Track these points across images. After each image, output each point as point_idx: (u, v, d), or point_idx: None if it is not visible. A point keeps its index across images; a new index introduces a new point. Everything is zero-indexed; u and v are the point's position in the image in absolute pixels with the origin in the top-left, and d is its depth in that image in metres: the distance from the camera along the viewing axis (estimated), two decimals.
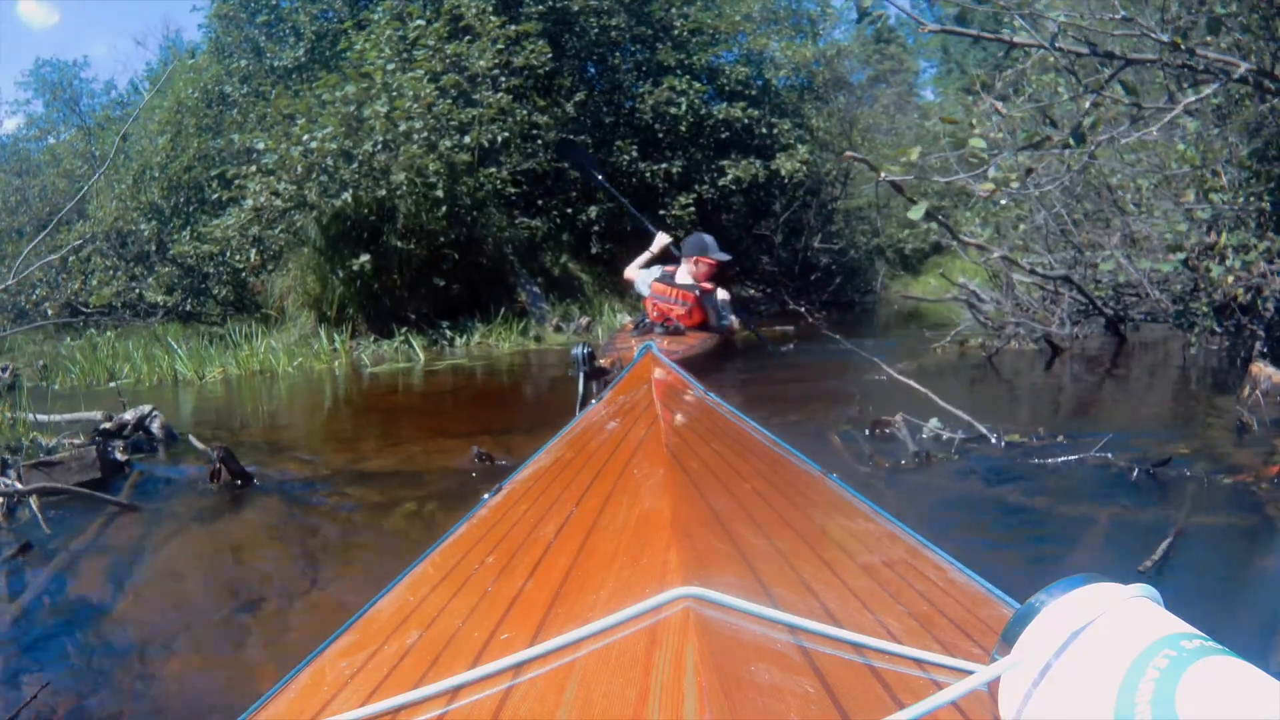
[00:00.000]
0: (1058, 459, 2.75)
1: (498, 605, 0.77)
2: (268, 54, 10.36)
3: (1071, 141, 2.78)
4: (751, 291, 12.28)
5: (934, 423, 3.10)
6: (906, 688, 0.55)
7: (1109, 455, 2.72)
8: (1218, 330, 4.58)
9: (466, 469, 2.95)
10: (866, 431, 3.20)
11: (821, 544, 0.95)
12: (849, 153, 2.96)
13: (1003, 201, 5.59)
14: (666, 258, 6.00)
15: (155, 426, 3.70)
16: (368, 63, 7.62)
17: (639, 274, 5.71)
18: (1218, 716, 0.41)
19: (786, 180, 11.25)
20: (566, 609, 0.68)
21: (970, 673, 0.54)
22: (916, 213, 2.85)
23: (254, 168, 7.68)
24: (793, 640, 0.58)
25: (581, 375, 3.03)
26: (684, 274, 5.44)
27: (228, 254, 8.53)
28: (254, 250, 8.15)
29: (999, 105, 3.18)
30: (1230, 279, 4.00)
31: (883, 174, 2.95)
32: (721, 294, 5.55)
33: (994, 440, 3.00)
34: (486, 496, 1.41)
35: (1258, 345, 4.13)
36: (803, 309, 11.49)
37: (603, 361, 3.27)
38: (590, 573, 0.76)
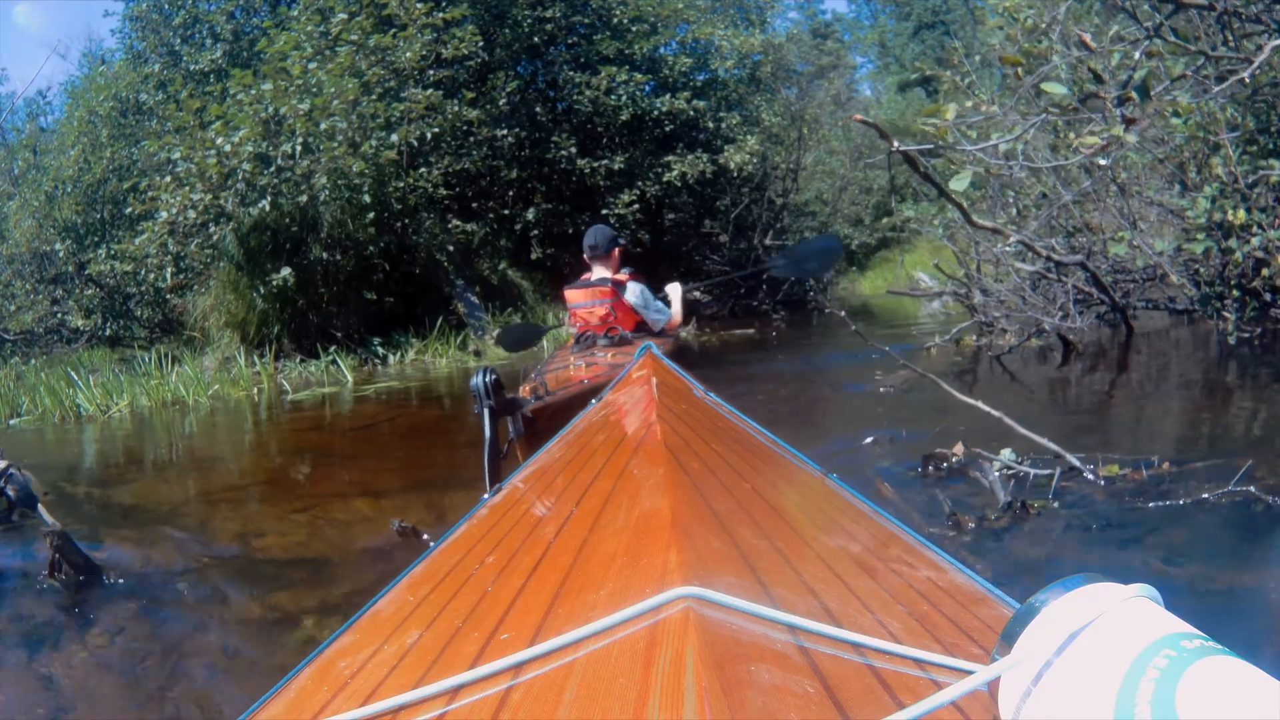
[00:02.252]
0: (1183, 499, 2.11)
1: (498, 605, 0.77)
2: (184, 58, 9.87)
3: (1135, 96, 2.35)
4: (698, 294, 11.95)
5: (1006, 454, 2.49)
6: (906, 688, 0.55)
7: (1252, 489, 2.06)
8: (1259, 315, 4.27)
9: (385, 549, 2.28)
10: (920, 470, 2.57)
11: (821, 544, 0.95)
12: (858, 115, 2.49)
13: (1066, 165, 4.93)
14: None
15: (11, 489, 2.80)
16: (288, 59, 7.14)
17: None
18: (1218, 716, 0.41)
19: (735, 175, 10.86)
20: (566, 609, 0.68)
21: (970, 673, 0.54)
22: (961, 182, 2.48)
23: (168, 178, 7.17)
24: (793, 640, 0.58)
25: (486, 412, 2.41)
26: (599, 272, 4.74)
27: (142, 273, 7.97)
28: (170, 268, 7.59)
29: (1087, 37, 2.59)
30: (1251, 256, 3.78)
31: (895, 144, 2.61)
32: (634, 286, 4.82)
33: (1089, 474, 2.36)
34: (486, 496, 1.41)
35: None
36: (770, 309, 11.36)
37: (522, 390, 2.75)
38: (590, 573, 0.76)
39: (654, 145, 10.50)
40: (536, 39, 10.15)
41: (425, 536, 2.29)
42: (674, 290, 4.97)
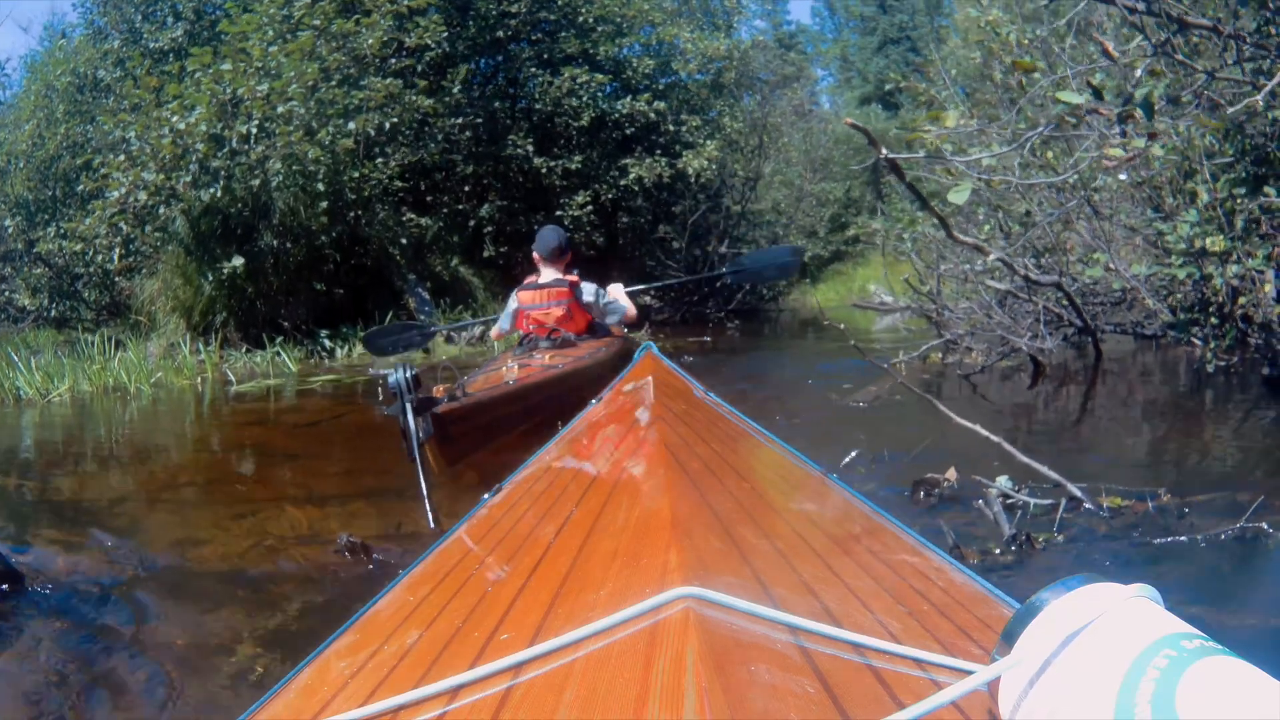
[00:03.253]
0: (1191, 534, 2.00)
1: (498, 605, 0.77)
2: (145, 35, 9.60)
3: (1140, 113, 2.23)
4: (649, 299, 11.72)
5: (1003, 482, 2.33)
6: (906, 688, 0.55)
7: (1265, 526, 1.97)
8: (1236, 343, 4.18)
9: (331, 566, 2.06)
10: (910, 495, 2.42)
11: (821, 544, 0.95)
12: (848, 119, 2.35)
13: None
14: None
15: None
16: (249, 40, 6.97)
17: (502, 322, 4.80)
18: (1218, 716, 0.41)
19: (693, 180, 10.71)
20: (566, 609, 0.68)
21: (970, 673, 0.54)
22: (960, 194, 2.33)
23: (121, 156, 6.94)
24: (793, 640, 0.58)
25: (407, 409, 2.33)
26: (550, 274, 4.62)
27: (90, 253, 7.72)
28: (119, 249, 7.32)
29: (1109, 45, 2.45)
30: (1229, 284, 3.74)
31: (884, 151, 2.50)
32: (588, 285, 4.71)
33: (1089, 504, 2.24)
34: (486, 496, 1.41)
35: None
36: (724, 317, 11.14)
37: (435, 390, 2.63)
38: (590, 573, 0.76)
39: (613, 147, 10.38)
40: (500, 33, 10.01)
41: (380, 555, 2.09)
42: (617, 289, 4.89)
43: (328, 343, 7.01)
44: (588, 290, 4.65)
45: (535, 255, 4.63)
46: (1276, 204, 3.55)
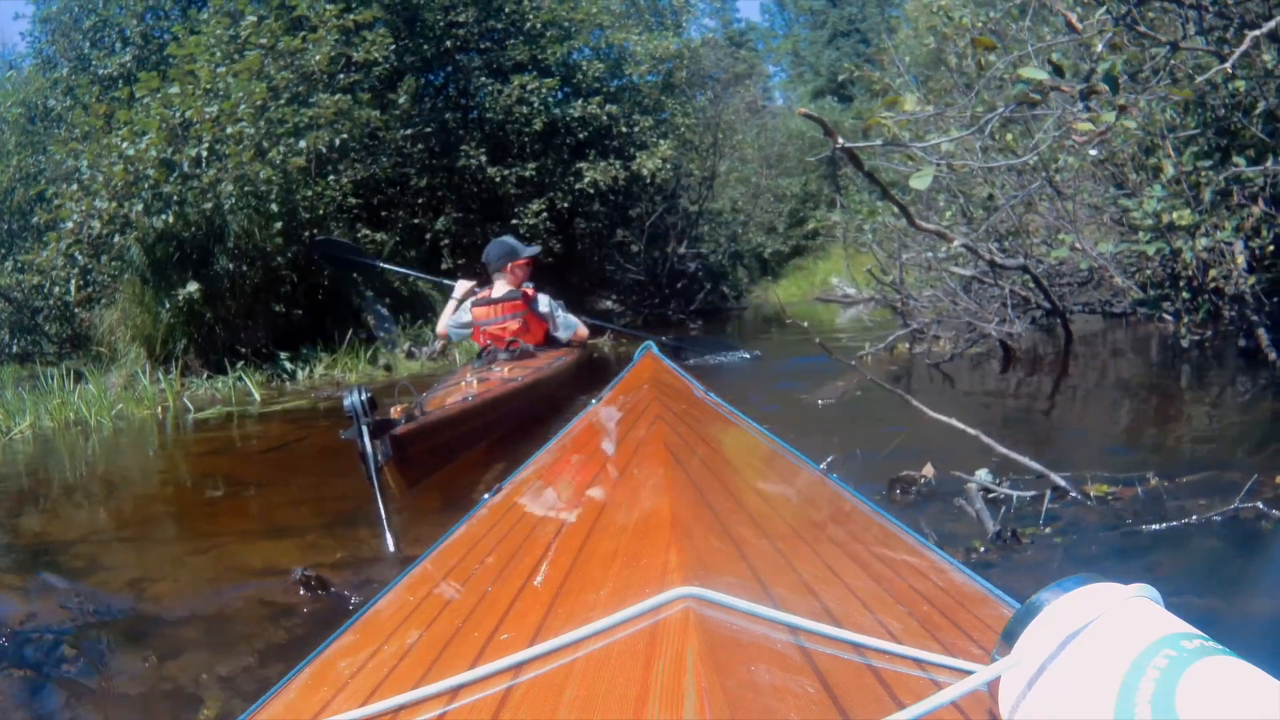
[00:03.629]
0: (1184, 518, 1.92)
1: (498, 605, 0.77)
2: (94, 62, 9.50)
3: (1105, 88, 2.16)
4: (610, 304, 11.64)
5: (982, 475, 2.25)
6: (906, 688, 0.55)
7: (1260, 505, 1.89)
8: (1210, 317, 4.12)
9: (289, 604, 1.97)
10: (886, 493, 2.34)
11: (821, 544, 0.95)
12: (803, 109, 2.19)
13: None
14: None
15: None
16: (196, 62, 6.95)
17: (448, 321, 4.82)
18: (1218, 716, 0.41)
19: (649, 181, 10.63)
20: (566, 609, 0.68)
21: (970, 673, 0.54)
22: (922, 180, 2.24)
23: (74, 185, 6.87)
24: (793, 640, 0.58)
25: (364, 432, 2.31)
26: (501, 287, 4.64)
27: (48, 286, 7.60)
28: (75, 280, 7.21)
29: (1072, 17, 2.40)
30: (1198, 257, 3.68)
31: (840, 140, 2.39)
32: (543, 297, 4.76)
33: (1076, 495, 2.14)
34: (487, 496, 1.41)
35: (1262, 333, 3.74)
36: (686, 318, 11.02)
37: (393, 411, 2.59)
38: (590, 573, 0.76)
39: (566, 153, 10.30)
40: (449, 43, 9.97)
41: (336, 588, 2.00)
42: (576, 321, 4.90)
43: (288, 365, 6.88)
44: (543, 301, 4.67)
45: (487, 268, 4.66)
46: (1248, 174, 3.51)
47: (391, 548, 2.24)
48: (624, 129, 10.46)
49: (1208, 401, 3.68)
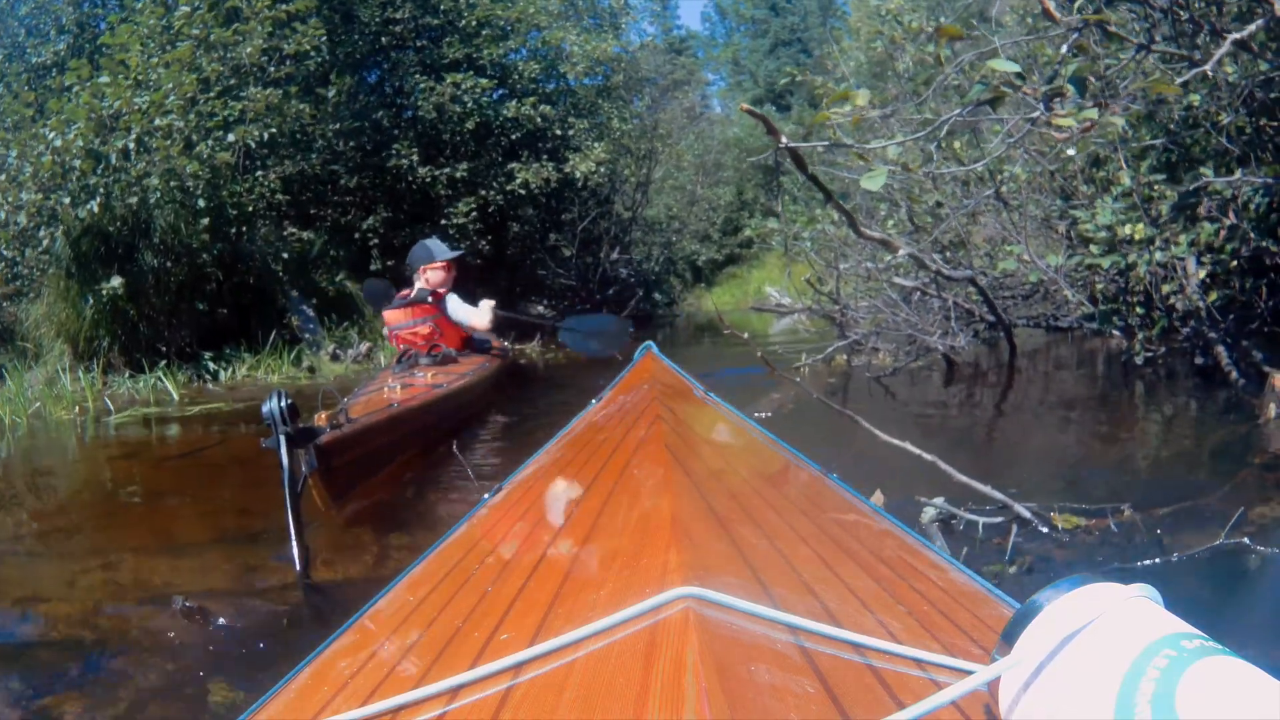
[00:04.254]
0: (1163, 555, 1.78)
1: (498, 605, 0.77)
2: (28, 50, 9.28)
3: (1071, 90, 2.07)
4: (542, 308, 11.53)
5: (938, 503, 2.09)
6: (906, 688, 0.55)
7: (1246, 541, 1.77)
8: (1164, 333, 4.01)
9: (169, 637, 1.78)
10: None
11: (821, 544, 0.95)
12: (744, 105, 2.03)
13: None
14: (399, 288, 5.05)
15: None
16: (129, 52, 6.81)
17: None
18: (1218, 716, 0.41)
19: (582, 185, 10.55)
20: (566, 609, 0.68)
21: (970, 673, 0.54)
22: (874, 181, 2.11)
23: (2, 176, 6.68)
24: (793, 640, 0.58)
25: (282, 441, 2.11)
26: (420, 288, 4.57)
27: None
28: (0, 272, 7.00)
29: (1049, 5, 2.19)
30: (1151, 272, 3.61)
31: (784, 139, 2.25)
32: (452, 298, 4.56)
33: (1041, 527, 1.99)
34: (487, 496, 1.41)
35: (1220, 351, 3.67)
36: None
37: (317, 418, 2.36)
38: (590, 573, 0.76)
39: (499, 154, 10.20)
40: (384, 40, 9.88)
41: (220, 619, 1.83)
42: (486, 305, 4.63)
43: (211, 365, 6.76)
44: (453, 303, 4.52)
45: (406, 270, 4.58)
46: (1215, 185, 3.43)
47: (300, 571, 2.04)
48: (559, 131, 10.37)
49: (1169, 422, 3.58)
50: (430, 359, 4.19)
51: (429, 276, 4.53)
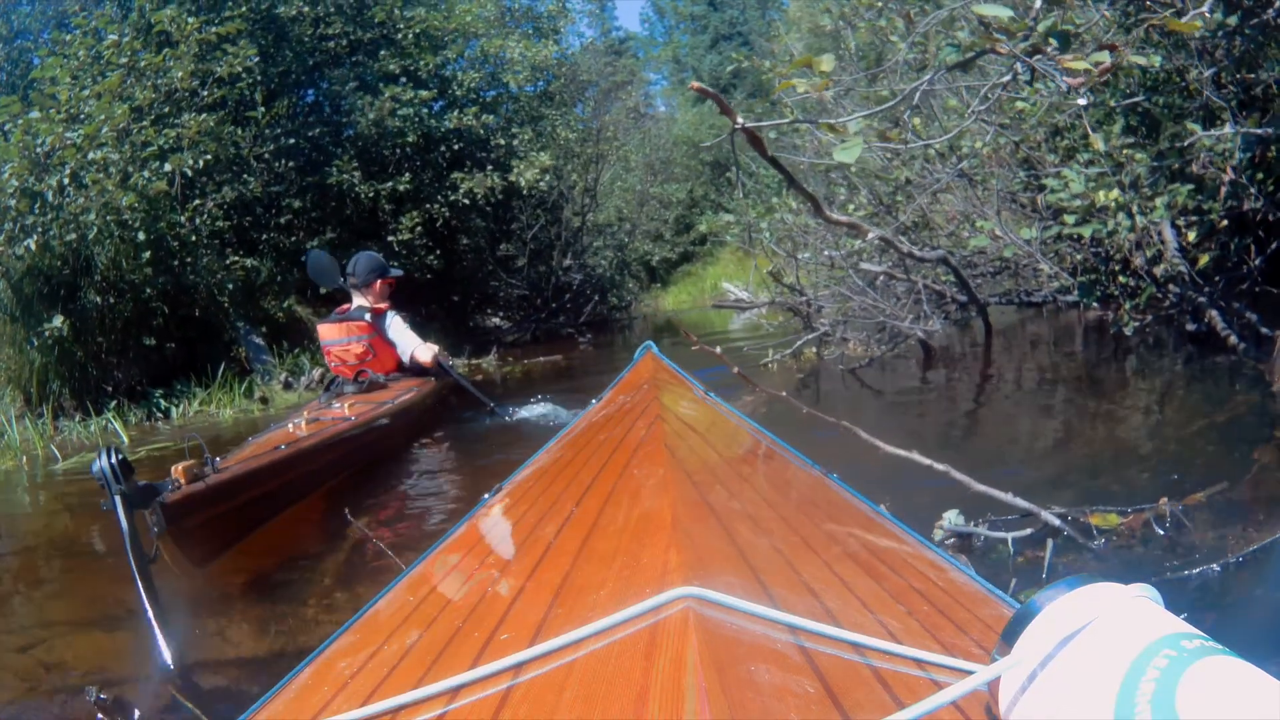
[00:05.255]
0: (1219, 555, 1.56)
1: (498, 605, 0.77)
2: None
3: (1053, 42, 1.91)
4: (498, 321, 11.51)
5: (952, 517, 1.85)
6: (906, 688, 0.55)
7: None
8: (1147, 303, 3.79)
9: None
10: None
11: (821, 544, 0.95)
12: (695, 84, 1.82)
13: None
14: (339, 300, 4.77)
15: None
16: (60, 85, 6.68)
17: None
18: (1218, 716, 0.41)
19: (528, 193, 10.44)
20: (566, 609, 0.68)
21: (970, 673, 0.54)
22: (849, 153, 1.92)
23: None
24: (793, 640, 0.58)
25: (118, 503, 1.81)
26: (360, 303, 4.28)
27: None
28: None
29: None
30: (1128, 239, 3.45)
31: (740, 120, 1.97)
32: (394, 317, 4.28)
33: (1073, 534, 1.73)
34: (486, 496, 1.41)
35: (1214, 315, 3.51)
36: (575, 332, 10.64)
37: (175, 470, 2.06)
38: (590, 573, 0.76)
39: (442, 165, 10.06)
40: (318, 57, 9.76)
41: (136, 715, 1.57)
42: (430, 347, 4.37)
43: (162, 402, 6.55)
44: (393, 323, 4.21)
45: (343, 283, 4.32)
46: (1203, 140, 3.29)
47: (167, 658, 1.69)
48: (501, 141, 10.28)
49: (1174, 396, 3.31)
50: (355, 386, 3.84)
51: (377, 293, 4.31)
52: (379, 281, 4.29)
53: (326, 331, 4.20)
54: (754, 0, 32.21)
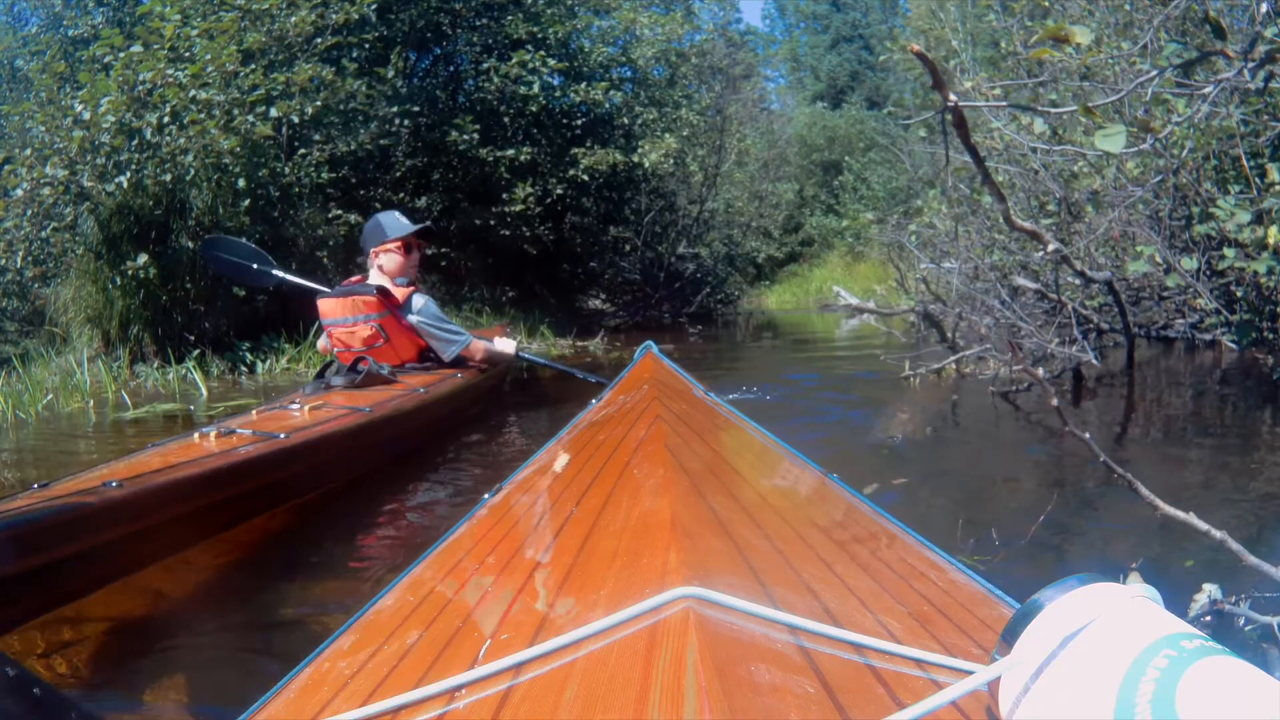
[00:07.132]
0: None
1: (498, 605, 0.77)
2: (65, 22, 8.92)
3: None
4: (599, 303, 11.21)
5: (1212, 591, 1.49)
6: (906, 688, 0.55)
7: None
8: None
9: None
10: None
11: (821, 544, 0.95)
12: (914, 46, 1.56)
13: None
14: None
15: None
16: (168, 22, 6.49)
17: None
18: (1218, 716, 0.41)
19: (650, 175, 10.17)
20: (566, 609, 0.68)
21: (970, 673, 0.54)
22: (1113, 141, 1.71)
23: (28, 150, 6.30)
24: (793, 640, 0.58)
25: None
26: (376, 277, 3.47)
27: (4, 259, 6.97)
28: (21, 252, 6.60)
29: None
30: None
31: (953, 98, 1.48)
32: (429, 306, 3.40)
33: None
34: (487, 496, 1.41)
35: None
36: (685, 322, 10.51)
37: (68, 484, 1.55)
38: (590, 573, 0.76)
39: (563, 139, 9.71)
40: (442, 17, 9.45)
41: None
42: (502, 340, 3.83)
43: (249, 356, 6.34)
44: (417, 306, 3.36)
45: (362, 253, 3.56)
46: None
47: None
48: (625, 119, 10.02)
49: None
50: (348, 378, 2.94)
51: (381, 262, 3.42)
52: (375, 249, 3.43)
53: (328, 307, 3.35)
54: (876, 3, 32.23)
